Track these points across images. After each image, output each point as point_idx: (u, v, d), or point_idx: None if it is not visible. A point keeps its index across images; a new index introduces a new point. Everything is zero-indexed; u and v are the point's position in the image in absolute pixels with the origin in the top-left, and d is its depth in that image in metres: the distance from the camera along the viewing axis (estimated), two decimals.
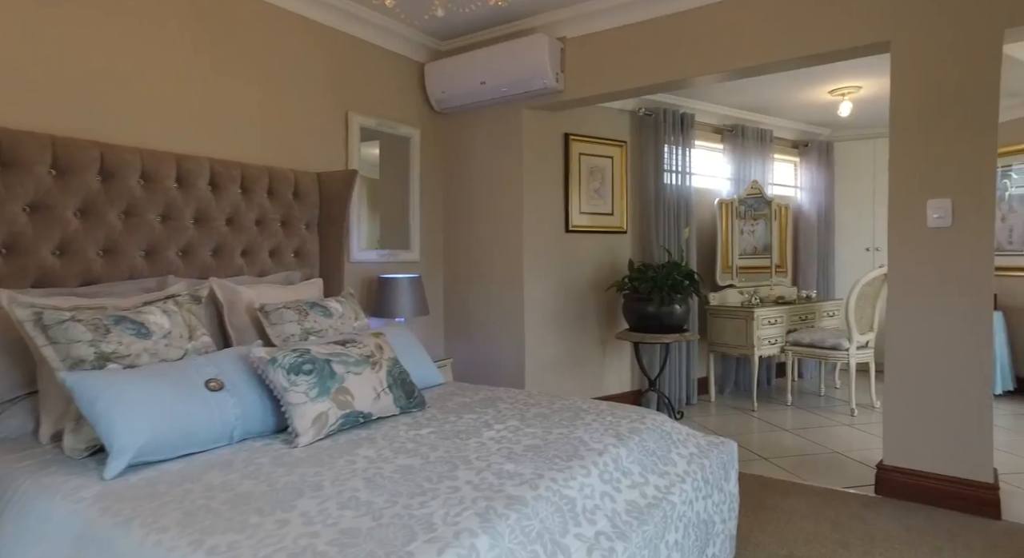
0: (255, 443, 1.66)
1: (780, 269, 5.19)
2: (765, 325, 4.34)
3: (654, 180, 4.32)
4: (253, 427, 1.70)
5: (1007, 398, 4.60)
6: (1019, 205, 4.80)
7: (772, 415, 4.21)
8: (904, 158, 2.71)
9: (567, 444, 1.67)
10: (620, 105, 4.30)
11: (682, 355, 4.40)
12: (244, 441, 1.68)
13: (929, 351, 2.66)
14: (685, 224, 4.40)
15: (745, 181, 4.89)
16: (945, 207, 2.59)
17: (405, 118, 3.87)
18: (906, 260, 2.71)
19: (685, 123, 4.45)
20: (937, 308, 2.64)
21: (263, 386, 1.75)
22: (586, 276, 4.17)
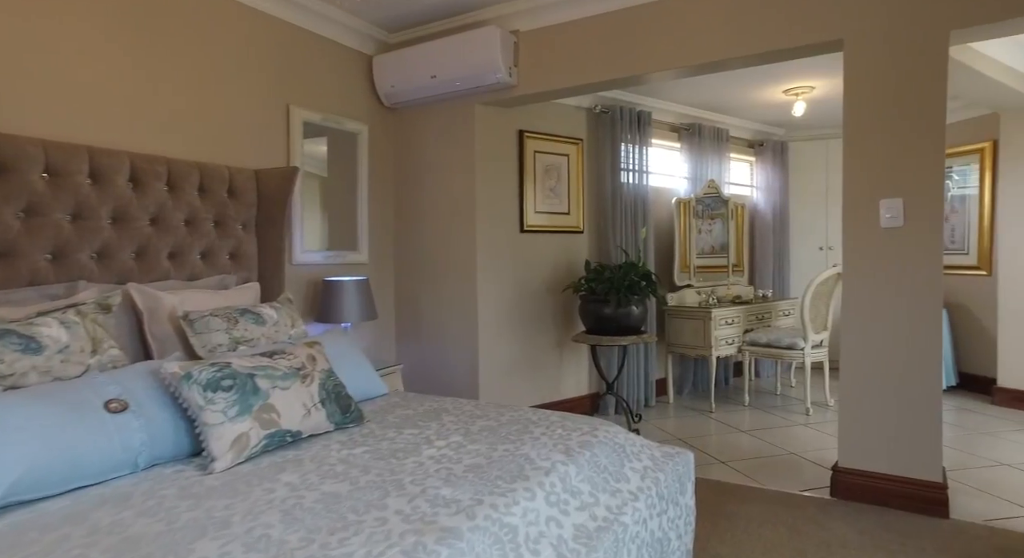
0: (164, 470, 1.48)
1: (737, 268, 5.19)
2: (722, 325, 4.31)
3: (611, 179, 4.25)
4: (163, 452, 1.52)
5: (950, 393, 4.69)
6: (960, 205, 4.92)
7: (730, 416, 4.18)
8: (857, 158, 2.69)
9: (512, 462, 1.54)
10: (576, 102, 4.21)
11: (640, 357, 4.34)
12: (152, 468, 1.50)
13: (882, 351, 2.64)
14: (642, 224, 4.34)
15: (702, 180, 4.87)
16: (897, 207, 2.57)
17: (352, 113, 3.68)
18: (860, 260, 2.69)
19: (642, 121, 4.39)
20: (890, 308, 2.62)
21: (177, 405, 1.57)
22: (542, 277, 4.06)
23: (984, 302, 4.65)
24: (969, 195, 4.86)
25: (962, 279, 4.87)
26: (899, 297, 2.60)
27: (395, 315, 4.03)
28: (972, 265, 4.82)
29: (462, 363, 3.77)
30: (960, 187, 4.93)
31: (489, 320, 3.76)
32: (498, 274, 3.82)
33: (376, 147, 3.86)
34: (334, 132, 3.64)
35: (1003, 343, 4.39)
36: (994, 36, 2.80)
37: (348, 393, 1.92)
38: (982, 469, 3.10)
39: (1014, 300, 4.33)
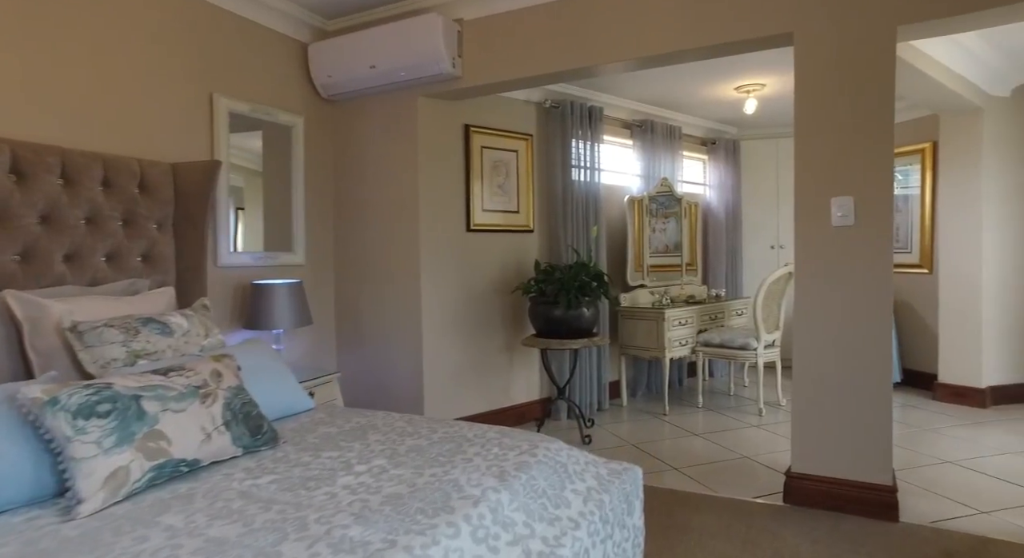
0: (12, 519, 1.24)
1: (691, 268, 5.14)
2: (676, 326, 4.24)
3: (562, 176, 4.12)
4: (18, 495, 1.29)
5: (895, 389, 4.74)
6: (903, 205, 4.99)
7: (683, 419, 4.11)
8: (808, 155, 2.62)
9: (437, 491, 1.37)
10: (525, 96, 4.05)
11: (593, 359, 4.22)
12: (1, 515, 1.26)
13: (833, 352, 2.58)
14: (594, 222, 4.22)
15: (655, 178, 4.79)
16: (848, 205, 2.51)
17: (286, 104, 3.44)
18: (811, 260, 2.62)
19: (593, 116, 4.27)
20: (841, 308, 2.56)
21: (40, 437, 1.34)
22: (490, 278, 3.90)
23: (927, 300, 4.72)
24: (912, 195, 4.93)
25: (906, 277, 4.94)
26: (850, 297, 2.54)
27: (336, 320, 3.80)
28: (915, 263, 4.89)
29: (406, 369, 3.57)
30: (903, 187, 5.00)
31: (434, 324, 3.57)
32: (443, 275, 3.63)
33: (313, 141, 3.62)
34: (268, 125, 3.39)
35: (944, 340, 4.46)
36: (940, 33, 2.78)
37: (261, 412, 1.71)
38: (928, 468, 3.09)
39: (953, 298, 4.41)
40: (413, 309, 3.53)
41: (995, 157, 4.29)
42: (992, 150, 4.28)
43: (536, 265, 3.77)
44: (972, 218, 4.30)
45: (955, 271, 4.40)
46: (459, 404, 3.71)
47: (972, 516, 2.54)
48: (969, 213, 4.31)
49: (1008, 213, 4.37)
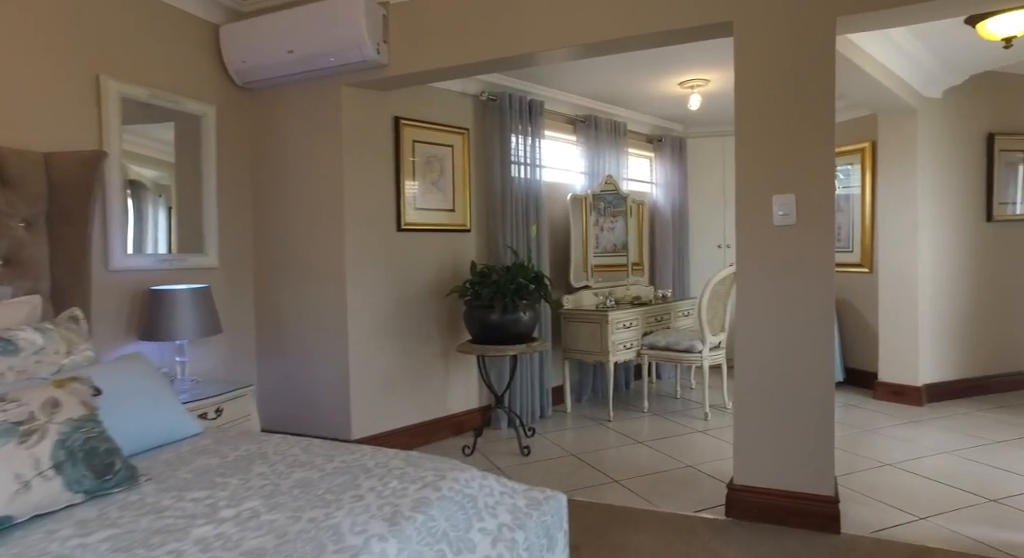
0: None
1: (637, 268, 5.02)
2: (620, 329, 4.09)
3: (500, 172, 3.91)
4: None
5: (837, 389, 4.74)
6: (845, 204, 5.00)
7: (628, 425, 3.97)
8: (749, 151, 2.49)
9: (311, 542, 1.14)
10: (461, 88, 3.83)
11: (535, 364, 4.04)
12: None
13: (774, 359, 2.46)
14: (534, 221, 4.03)
15: (599, 175, 4.65)
16: (790, 203, 2.39)
17: (195, 92, 3.12)
18: (753, 260, 2.49)
19: (533, 110, 4.08)
20: (783, 311, 2.44)
21: None
22: (424, 281, 3.66)
23: (868, 299, 4.73)
24: (853, 194, 4.94)
25: (848, 276, 4.95)
26: (792, 299, 2.42)
27: (256, 327, 3.50)
28: (856, 263, 4.90)
29: (331, 380, 3.31)
30: (845, 186, 5.01)
31: (362, 330, 3.32)
32: (372, 278, 3.38)
33: (228, 132, 3.31)
34: (178, 115, 3.08)
35: (883, 339, 4.47)
36: (878, 26, 2.71)
37: (114, 446, 1.44)
38: (868, 472, 3.03)
39: (891, 297, 4.42)
40: (338, 315, 3.27)
41: (929, 157, 4.32)
42: (926, 150, 4.30)
43: (472, 266, 3.55)
44: (908, 218, 4.31)
45: (893, 270, 4.41)
46: (391, 416, 3.47)
47: (911, 523, 2.47)
48: (905, 213, 4.33)
49: (942, 213, 4.40)
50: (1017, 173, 4.69)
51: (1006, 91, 4.62)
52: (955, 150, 4.45)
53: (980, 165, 4.57)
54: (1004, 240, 4.67)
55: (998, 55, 3.80)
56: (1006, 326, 4.68)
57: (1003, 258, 4.67)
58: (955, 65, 4.05)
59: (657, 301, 4.65)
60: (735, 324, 2.56)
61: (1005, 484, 2.85)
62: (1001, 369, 4.64)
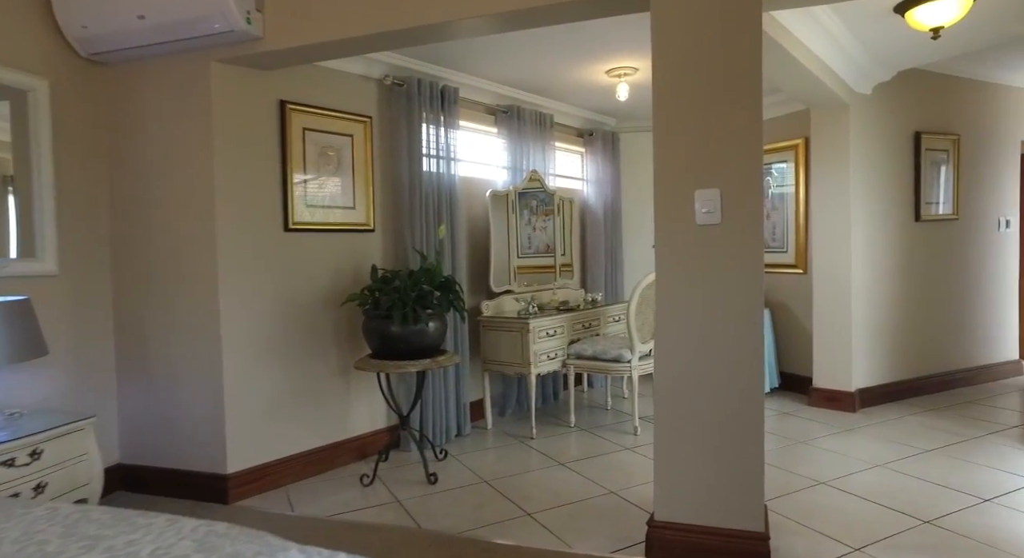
0: None
1: (566, 270, 4.72)
2: (543, 337, 3.76)
3: (409, 165, 3.51)
4: None
5: (772, 395, 4.58)
6: (780, 203, 4.84)
7: (552, 443, 3.65)
8: (668, 141, 2.18)
9: None
10: (363, 70, 3.41)
11: (449, 378, 3.66)
12: None
13: (698, 376, 2.16)
14: (445, 219, 3.65)
15: (523, 170, 4.31)
16: (714, 199, 2.10)
17: (18, 61, 2.59)
18: (674, 264, 2.19)
19: (447, 98, 3.70)
20: (707, 321, 2.15)
21: None
22: (319, 288, 3.22)
23: (802, 301, 4.58)
24: (787, 193, 4.79)
25: (783, 277, 4.80)
26: (717, 307, 2.13)
27: (115, 344, 2.98)
28: (790, 263, 4.75)
29: (202, 405, 2.84)
30: (780, 185, 4.85)
31: (240, 345, 2.86)
32: (253, 286, 2.93)
33: (70, 113, 2.79)
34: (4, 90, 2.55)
35: (817, 343, 4.32)
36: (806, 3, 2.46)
37: None
38: (801, 493, 2.79)
39: (825, 299, 4.27)
40: (210, 329, 2.80)
41: (861, 155, 4.18)
42: (858, 148, 4.16)
43: (373, 271, 3.14)
44: (841, 217, 4.16)
45: (826, 271, 4.26)
46: (278, 443, 3.02)
47: (847, 556, 2.23)
48: (838, 212, 4.18)
49: (874, 213, 4.28)
50: (940, 173, 4.64)
51: (931, 89, 4.56)
52: (885, 148, 4.34)
53: (908, 164, 4.49)
54: (931, 240, 4.60)
55: (925, 48, 3.67)
56: (933, 327, 4.62)
57: (930, 258, 4.60)
58: (884, 59, 3.91)
59: (586, 306, 4.35)
60: (655, 337, 2.25)
61: (939, 501, 2.66)
62: (929, 370, 4.58)
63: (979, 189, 4.87)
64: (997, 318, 4.99)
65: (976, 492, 2.75)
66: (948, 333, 4.69)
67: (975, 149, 4.83)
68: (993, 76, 4.84)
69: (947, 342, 4.69)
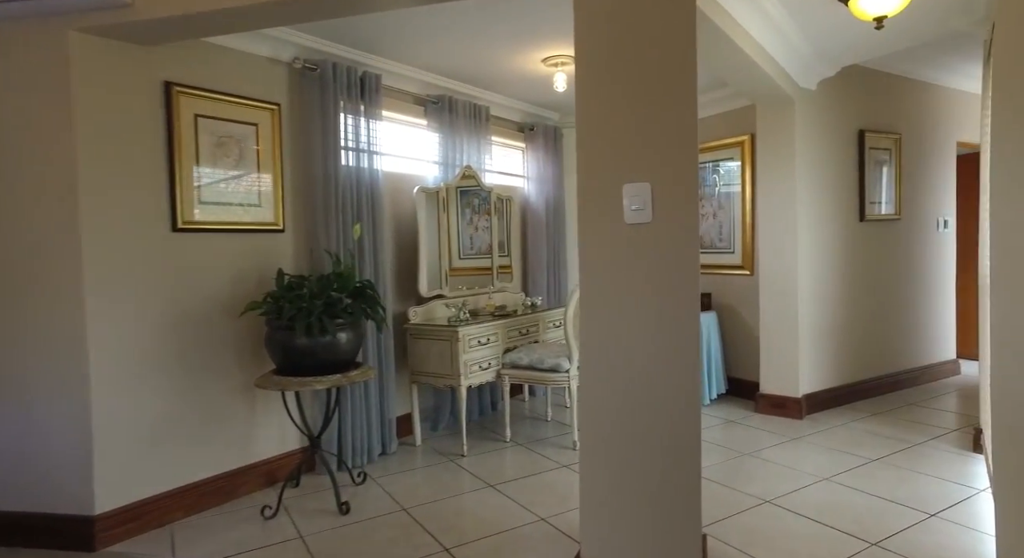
0: None
1: (504, 272, 4.44)
2: (474, 346, 3.47)
3: (324, 159, 3.17)
4: None
5: (720, 402, 4.43)
6: (726, 202, 4.69)
7: (484, 461, 3.36)
8: (593, 128, 1.93)
9: None
10: (270, 51, 3.05)
11: (370, 392, 3.33)
12: None
13: (627, 394, 1.91)
14: (365, 218, 3.32)
15: (457, 166, 4.01)
16: (644, 194, 1.85)
17: None
18: (599, 268, 1.93)
19: (368, 85, 3.37)
20: (637, 337, 1.90)
21: None
22: (217, 296, 2.85)
23: (750, 303, 4.44)
24: (733, 192, 4.64)
25: (730, 279, 4.65)
26: (649, 320, 1.88)
27: None
28: (737, 265, 4.60)
29: (64, 433, 2.44)
30: (726, 184, 4.70)
31: (115, 362, 2.47)
32: (134, 293, 2.54)
33: None
34: None
35: (764, 348, 4.17)
36: None
37: None
38: (745, 514, 2.59)
39: (771, 302, 4.12)
40: (73, 344, 2.41)
41: (806, 153, 4.05)
42: (804, 145, 4.03)
43: (279, 276, 2.79)
44: (788, 216, 4.02)
45: (773, 273, 4.12)
46: (165, 473, 2.64)
47: None
48: (785, 211, 4.04)
49: (820, 212, 4.16)
50: (883, 172, 4.57)
51: (874, 88, 4.48)
52: (830, 145, 4.22)
53: (853, 162, 4.39)
54: (875, 240, 4.53)
55: (869, 42, 3.55)
56: (877, 329, 4.54)
57: (874, 259, 4.52)
58: (828, 53, 3.78)
59: (525, 310, 4.09)
60: (580, 351, 1.99)
61: (886, 518, 2.50)
62: (873, 372, 4.50)
63: (920, 189, 4.84)
64: (936, 318, 4.98)
65: (923, 506, 2.61)
66: (891, 335, 4.63)
67: (916, 149, 4.79)
68: (934, 77, 4.81)
69: (890, 344, 4.62)
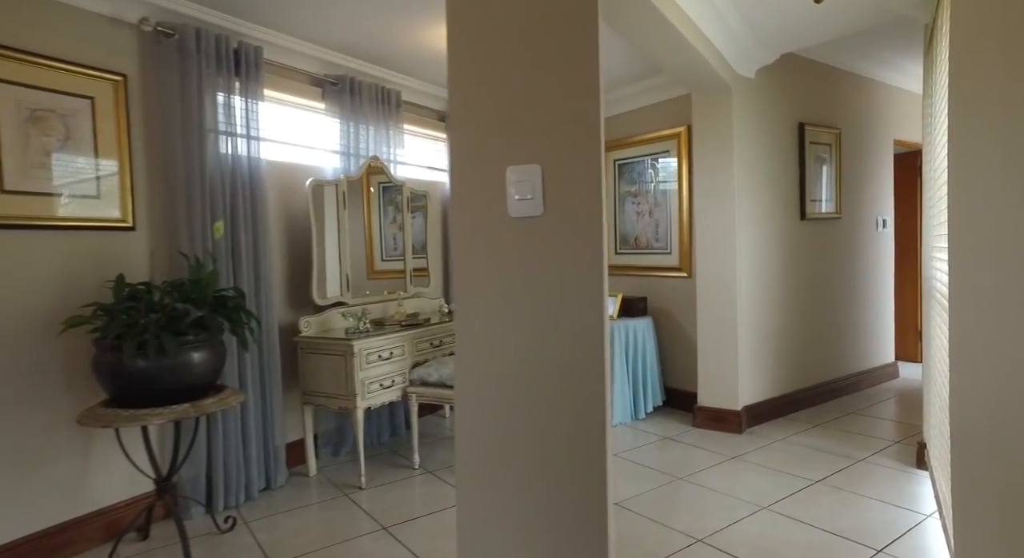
0: None
1: (420, 276, 4.00)
2: (374, 362, 3.02)
3: (184, 144, 2.66)
4: None
5: (656, 414, 4.11)
6: (663, 200, 4.39)
7: (383, 495, 2.91)
8: (468, 97, 1.52)
9: None
10: (112, 8, 2.52)
11: (249, 417, 2.84)
12: None
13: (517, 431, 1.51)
14: (223, 215, 2.81)
15: (362, 157, 3.55)
16: (533, 179, 1.45)
17: None
18: (476, 277, 1.52)
19: (245, 59, 2.88)
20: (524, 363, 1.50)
21: None
22: (39, 308, 2.31)
23: (688, 308, 4.13)
24: (670, 189, 4.33)
25: (666, 282, 4.34)
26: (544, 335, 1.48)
27: None
28: (674, 266, 4.30)
29: None
30: (663, 181, 4.40)
31: None
32: None
33: None
34: None
35: (702, 355, 3.87)
36: None
37: None
38: (677, 556, 2.24)
39: (709, 306, 3.82)
40: None
41: (745, 144, 3.77)
42: (742, 137, 3.74)
43: (119, 283, 2.27)
44: (726, 214, 3.73)
45: (711, 275, 3.82)
46: None
47: None
48: (723, 208, 3.74)
49: (759, 210, 3.89)
50: (823, 169, 4.36)
51: (814, 79, 4.26)
52: (769, 138, 3.96)
53: (793, 157, 4.15)
54: (816, 240, 4.30)
55: (808, 24, 3.29)
56: (817, 335, 4.32)
57: (815, 260, 4.30)
58: (766, 37, 3.51)
59: (442, 318, 3.66)
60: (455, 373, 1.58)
61: (831, 555, 2.19)
62: (813, 380, 4.27)
63: (859, 187, 4.66)
64: (876, 321, 4.81)
65: (869, 539, 2.31)
66: (832, 340, 4.42)
67: (855, 145, 4.61)
68: (873, 72, 4.65)
69: (831, 349, 4.41)
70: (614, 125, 4.63)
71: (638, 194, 4.54)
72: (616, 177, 4.69)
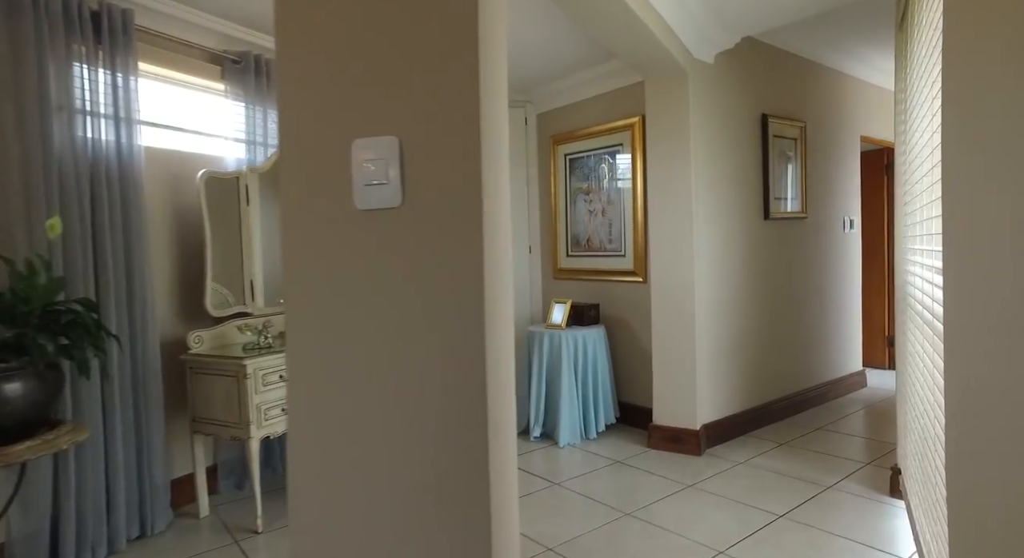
0: None
1: None
2: (274, 383, 2.58)
3: (20, 125, 2.19)
4: None
5: (610, 432, 3.75)
6: (617, 198, 4.03)
7: (282, 540, 2.48)
8: (303, 49, 1.12)
9: None
10: None
11: (117, 449, 2.37)
12: None
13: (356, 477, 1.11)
14: (55, 213, 2.35)
15: (271, 146, 3.11)
16: (390, 154, 1.05)
17: None
18: (310, 284, 1.12)
19: (111, 25, 2.41)
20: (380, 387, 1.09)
21: None
22: None
23: (643, 316, 3.78)
24: (624, 187, 3.98)
25: (620, 287, 3.98)
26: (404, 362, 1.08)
27: None
28: (628, 270, 3.94)
29: None
30: (617, 179, 4.04)
31: None
32: None
33: None
34: None
35: (657, 370, 3.52)
36: None
37: None
38: None
39: (665, 315, 3.47)
40: None
41: (703, 135, 3.43)
42: (700, 126, 3.40)
43: None
44: (683, 213, 3.38)
45: (667, 279, 3.47)
46: None
47: None
48: (680, 207, 3.39)
49: (719, 208, 3.55)
50: (788, 165, 4.06)
51: (777, 67, 3.95)
52: (730, 129, 3.63)
53: (756, 151, 3.83)
54: (781, 242, 4.00)
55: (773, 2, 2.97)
56: (782, 345, 4.01)
57: (779, 263, 3.99)
58: (725, 17, 3.18)
59: None
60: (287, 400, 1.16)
61: None
62: (778, 393, 3.96)
63: (826, 185, 4.37)
64: (844, 328, 4.54)
65: None
66: (797, 349, 4.12)
67: (821, 141, 4.32)
68: (840, 64, 4.37)
69: (796, 359, 4.11)
70: (564, 116, 4.26)
71: (590, 191, 4.18)
72: (567, 172, 4.32)
